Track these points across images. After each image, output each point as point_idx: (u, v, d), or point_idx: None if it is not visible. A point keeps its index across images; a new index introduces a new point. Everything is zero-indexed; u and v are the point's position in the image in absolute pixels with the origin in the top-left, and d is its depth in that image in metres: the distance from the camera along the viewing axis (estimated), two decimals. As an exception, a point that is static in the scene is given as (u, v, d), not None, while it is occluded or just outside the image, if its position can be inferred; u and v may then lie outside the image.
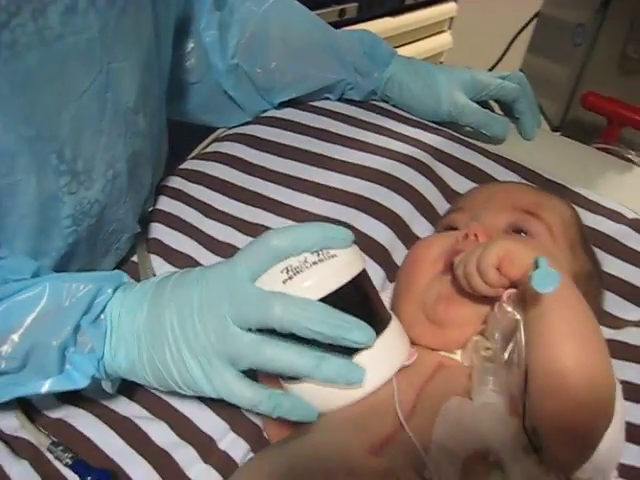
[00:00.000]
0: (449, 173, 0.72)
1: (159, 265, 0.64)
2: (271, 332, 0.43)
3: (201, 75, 0.75)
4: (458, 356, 0.49)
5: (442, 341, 0.50)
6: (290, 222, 0.67)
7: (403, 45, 1.47)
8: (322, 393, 0.45)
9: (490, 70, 1.25)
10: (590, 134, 0.92)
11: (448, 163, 0.72)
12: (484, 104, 0.80)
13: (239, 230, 0.67)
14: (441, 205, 0.69)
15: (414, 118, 0.79)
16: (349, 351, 0.44)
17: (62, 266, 0.54)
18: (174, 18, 0.66)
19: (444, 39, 1.64)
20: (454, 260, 0.48)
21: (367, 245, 0.63)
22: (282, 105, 0.80)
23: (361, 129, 0.76)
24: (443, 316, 0.50)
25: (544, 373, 0.40)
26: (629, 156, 0.85)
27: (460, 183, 0.71)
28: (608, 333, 0.60)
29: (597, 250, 0.64)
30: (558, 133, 1.00)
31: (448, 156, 0.73)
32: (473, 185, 0.71)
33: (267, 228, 0.67)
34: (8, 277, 0.47)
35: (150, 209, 0.71)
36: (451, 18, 1.67)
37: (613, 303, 0.63)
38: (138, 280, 0.54)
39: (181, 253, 0.65)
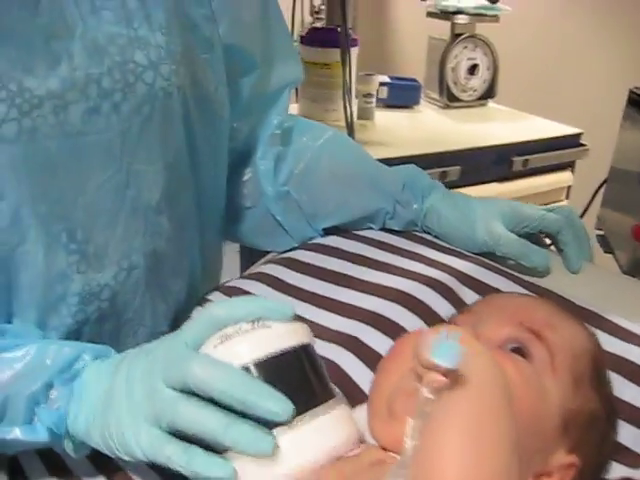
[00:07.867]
0: (471, 295, 0.71)
1: None
2: (200, 398, 0.44)
3: (255, 200, 0.83)
4: None
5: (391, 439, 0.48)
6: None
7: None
8: (243, 468, 0.44)
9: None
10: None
11: (472, 287, 0.72)
12: (531, 237, 0.79)
13: None
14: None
15: (452, 247, 0.80)
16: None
17: None
18: (222, 138, 0.74)
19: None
20: None
21: (373, 360, 0.63)
22: (328, 233, 0.85)
23: (396, 255, 0.78)
24: (396, 412, 0.48)
25: None
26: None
27: (480, 305, 0.70)
28: (627, 472, 0.54)
29: (627, 382, 0.59)
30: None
31: (474, 280, 0.72)
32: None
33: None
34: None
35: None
36: (569, 187, 1.65)
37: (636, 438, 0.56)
38: None
39: None
